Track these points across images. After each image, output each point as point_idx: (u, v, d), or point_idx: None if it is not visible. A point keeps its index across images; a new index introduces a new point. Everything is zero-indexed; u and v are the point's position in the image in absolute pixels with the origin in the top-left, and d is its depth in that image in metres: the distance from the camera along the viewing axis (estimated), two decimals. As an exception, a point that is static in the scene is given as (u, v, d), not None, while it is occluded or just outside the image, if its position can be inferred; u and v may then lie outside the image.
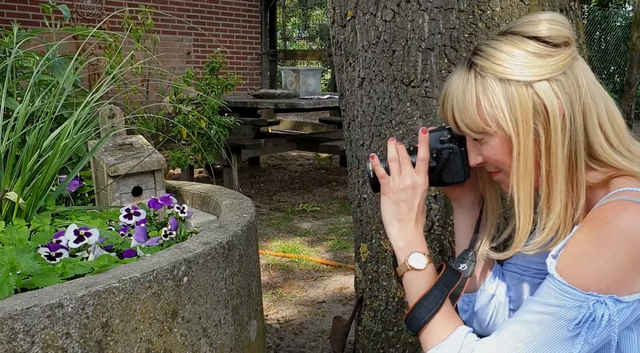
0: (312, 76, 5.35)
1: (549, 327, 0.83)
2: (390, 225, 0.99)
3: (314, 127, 7.42)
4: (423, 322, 0.93)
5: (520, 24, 0.91)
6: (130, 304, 0.98)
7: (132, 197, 1.61)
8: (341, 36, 1.56)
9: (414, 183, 0.97)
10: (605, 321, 0.80)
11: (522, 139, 0.87)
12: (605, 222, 0.81)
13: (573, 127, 0.86)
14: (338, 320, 1.72)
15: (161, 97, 3.85)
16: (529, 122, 0.87)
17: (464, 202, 1.10)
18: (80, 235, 1.14)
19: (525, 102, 0.86)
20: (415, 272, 0.96)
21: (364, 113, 1.54)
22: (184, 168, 4.36)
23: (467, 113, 0.91)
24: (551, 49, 0.87)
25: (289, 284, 2.85)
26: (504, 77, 0.87)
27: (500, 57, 0.88)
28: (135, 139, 1.72)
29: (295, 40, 16.64)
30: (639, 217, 0.80)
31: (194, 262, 1.09)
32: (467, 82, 0.91)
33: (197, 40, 7.75)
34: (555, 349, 0.83)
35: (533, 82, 0.86)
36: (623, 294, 0.80)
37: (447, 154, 0.99)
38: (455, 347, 0.90)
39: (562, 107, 0.86)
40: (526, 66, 0.87)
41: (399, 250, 0.98)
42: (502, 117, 0.88)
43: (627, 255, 0.79)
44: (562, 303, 0.83)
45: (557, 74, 0.86)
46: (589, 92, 0.88)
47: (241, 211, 1.44)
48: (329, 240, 3.60)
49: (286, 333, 2.32)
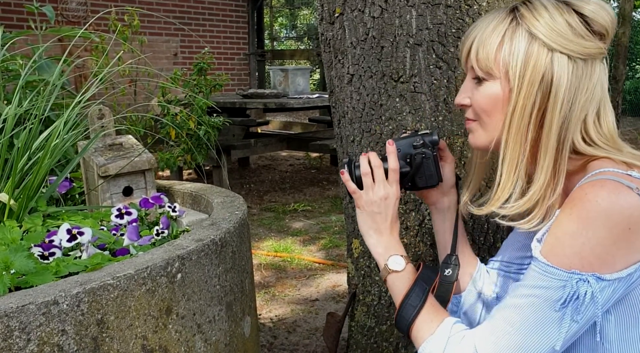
0: (300, 75, 5.36)
1: (537, 309, 0.85)
2: (367, 235, 1.03)
3: (303, 126, 7.42)
4: (410, 320, 0.95)
5: None
6: (124, 301, 0.98)
7: (123, 197, 1.61)
8: (330, 33, 1.57)
9: (386, 195, 1.00)
10: (588, 299, 0.82)
11: (522, 97, 0.88)
12: (585, 201, 0.83)
13: (571, 112, 0.88)
14: (331, 316, 1.73)
15: (151, 96, 3.84)
16: (534, 84, 0.88)
17: (439, 206, 1.13)
18: (73, 234, 1.14)
19: (540, 65, 0.87)
20: (396, 274, 1.00)
21: (354, 109, 1.55)
22: (173, 169, 4.35)
23: (486, 49, 0.91)
24: (587, 32, 0.88)
25: (281, 283, 2.86)
26: (535, 33, 0.88)
27: (542, 14, 0.89)
28: (125, 139, 1.72)
29: (283, 41, 16.63)
30: (617, 194, 0.82)
31: (187, 259, 1.10)
32: (501, 22, 0.91)
33: (184, 42, 7.72)
34: (545, 330, 0.84)
35: (555, 50, 0.87)
36: (605, 272, 0.82)
37: (420, 159, 1.03)
38: (443, 337, 0.91)
39: (567, 86, 0.87)
40: (558, 34, 0.87)
41: (378, 256, 1.02)
42: (513, 66, 0.89)
43: (607, 232, 0.81)
44: (547, 284, 0.85)
45: (579, 56, 0.87)
46: (597, 89, 0.89)
47: (233, 208, 1.44)
48: (320, 239, 3.61)
49: (280, 331, 2.33)
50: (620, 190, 0.83)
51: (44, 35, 2.14)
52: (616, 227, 0.81)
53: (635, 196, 0.82)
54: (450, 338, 0.91)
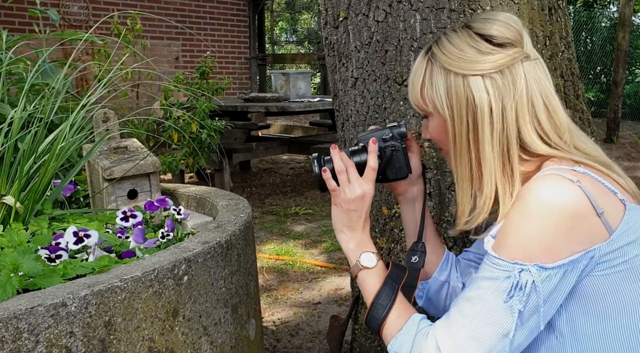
0: (302, 79, 5.37)
1: (488, 301, 0.88)
2: (340, 232, 1.05)
3: (304, 130, 7.43)
4: (381, 320, 0.97)
5: (476, 19, 0.99)
6: (132, 303, 0.99)
7: (127, 200, 1.61)
8: (334, 37, 1.58)
9: (363, 193, 1.02)
10: (529, 287, 0.85)
11: (457, 125, 0.96)
12: (527, 195, 0.88)
13: (505, 121, 0.93)
14: (335, 319, 1.73)
15: (155, 98, 3.85)
16: (462, 110, 0.95)
17: (408, 196, 1.17)
18: (80, 236, 1.15)
19: (460, 92, 0.95)
20: (367, 271, 1.02)
21: (357, 113, 1.56)
22: (175, 173, 4.35)
23: (414, 91, 1.01)
24: (493, 48, 0.94)
25: (283, 286, 2.86)
26: (447, 67, 0.96)
27: (448, 48, 0.97)
28: (130, 142, 1.73)
29: (283, 44, 16.65)
30: (558, 186, 0.87)
31: (194, 261, 1.10)
32: (420, 64, 1.01)
33: (185, 45, 7.74)
34: (496, 320, 0.87)
35: (467, 75, 0.94)
36: (547, 262, 0.85)
37: (390, 152, 1.06)
38: (411, 334, 0.94)
39: (491, 102, 0.93)
40: (466, 61, 0.95)
41: (350, 253, 1.05)
42: (439, 101, 0.97)
43: (548, 222, 0.85)
44: (494, 275, 0.89)
45: (493, 71, 0.93)
46: (527, 92, 0.93)
47: (238, 211, 1.45)
48: (322, 242, 3.61)
49: (282, 334, 2.33)
50: (562, 182, 0.87)
51: (46, 39, 2.15)
52: (557, 217, 0.85)
53: (576, 188, 0.86)
54: (417, 334, 0.94)
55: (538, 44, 1.42)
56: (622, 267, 0.88)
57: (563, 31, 1.47)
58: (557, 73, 1.45)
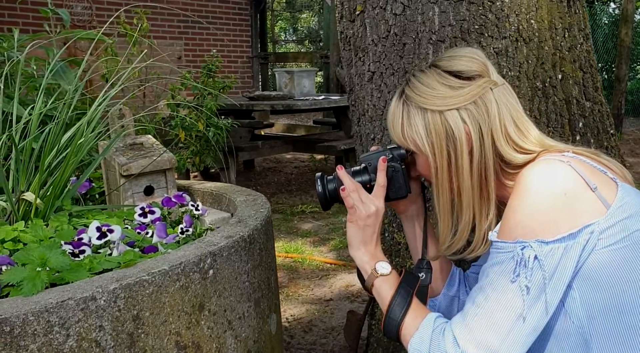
0: (306, 77, 5.36)
1: (496, 285, 0.91)
2: (356, 248, 1.09)
3: (307, 129, 7.42)
4: (399, 321, 1.00)
5: (442, 58, 1.05)
6: (159, 297, 0.98)
7: (144, 196, 1.61)
8: (350, 31, 1.58)
9: (377, 210, 1.07)
10: (532, 262, 0.87)
11: (438, 159, 1.01)
12: (522, 180, 0.93)
13: (483, 148, 0.99)
14: (352, 314, 1.73)
15: (166, 93, 3.84)
16: (442, 145, 1.00)
17: (408, 213, 1.20)
18: (103, 231, 1.14)
19: (439, 128, 1.00)
20: (383, 278, 1.06)
21: (374, 107, 1.55)
22: (181, 171, 4.35)
23: (396, 133, 1.07)
24: (463, 82, 1.00)
25: (294, 284, 2.86)
26: (422, 106, 1.01)
27: (420, 89, 1.02)
28: (145, 138, 1.72)
29: (283, 44, 16.65)
30: (549, 166, 0.92)
31: (219, 255, 1.10)
32: (396, 108, 1.06)
33: (188, 45, 7.73)
34: (508, 302, 0.89)
35: (444, 111, 1.00)
36: (548, 237, 0.88)
37: (391, 172, 1.10)
38: (428, 331, 0.96)
39: (469, 130, 0.98)
40: (440, 97, 1.00)
41: (365, 265, 1.08)
42: (419, 140, 1.02)
43: (543, 198, 0.89)
44: (499, 259, 0.92)
45: (467, 103, 0.99)
46: (498, 115, 0.99)
47: (257, 206, 1.44)
48: (331, 240, 3.61)
49: (296, 331, 2.32)
50: (552, 163, 0.93)
51: (54, 39, 2.15)
52: (551, 193, 0.89)
53: (567, 166, 0.91)
54: (434, 331, 0.96)
55: (557, 35, 1.41)
56: (626, 242, 0.90)
57: (581, 23, 1.46)
58: (576, 65, 1.45)
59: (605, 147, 1.47)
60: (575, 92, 1.44)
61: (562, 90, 1.42)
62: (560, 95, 1.42)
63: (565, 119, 1.43)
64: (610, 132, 1.50)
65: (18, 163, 1.32)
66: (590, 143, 1.44)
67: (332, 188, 1.11)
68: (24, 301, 0.86)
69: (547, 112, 1.41)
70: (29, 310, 0.83)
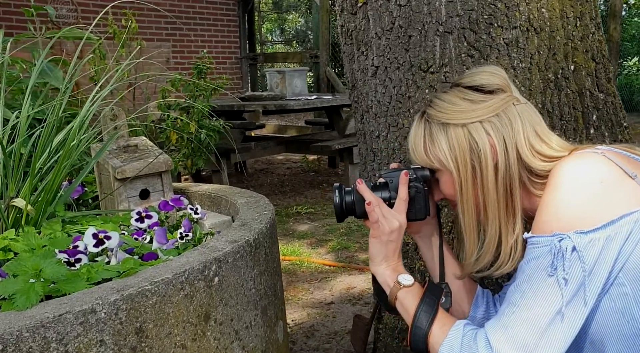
0: (297, 77, 5.29)
1: (533, 280, 0.87)
2: (378, 264, 1.06)
3: (298, 129, 7.36)
4: (426, 329, 0.96)
5: (463, 76, 1.05)
6: (163, 307, 0.92)
7: (139, 201, 1.54)
8: (351, 24, 1.52)
9: (400, 225, 1.04)
10: (569, 252, 0.83)
11: (462, 174, 0.99)
12: (555, 174, 0.91)
13: (508, 161, 0.97)
14: (359, 318, 1.67)
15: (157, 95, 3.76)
16: (466, 158, 0.98)
17: (422, 234, 1.17)
18: (100, 238, 1.07)
19: (462, 142, 0.98)
20: (407, 289, 1.02)
21: (379, 103, 1.49)
22: (173, 174, 4.26)
23: (419, 153, 1.05)
24: (484, 95, 1.00)
25: (293, 287, 2.79)
26: (445, 122, 1.00)
27: (443, 106, 1.02)
28: (139, 140, 1.65)
29: (271, 45, 16.56)
30: (582, 158, 0.91)
31: (224, 262, 1.04)
32: (418, 128, 1.05)
33: (176, 46, 7.64)
34: (545, 297, 0.85)
35: (467, 124, 0.98)
36: (587, 227, 0.84)
37: (414, 193, 1.06)
38: (457, 337, 0.93)
39: (494, 142, 0.97)
40: (462, 112, 0.99)
41: (388, 278, 1.05)
42: (443, 155, 1.01)
43: (578, 190, 0.87)
44: (536, 254, 0.88)
45: (490, 115, 0.98)
46: (522, 128, 0.98)
47: (260, 209, 1.38)
48: (328, 241, 3.54)
49: (298, 336, 2.25)
50: (585, 155, 0.92)
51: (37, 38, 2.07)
52: (586, 183, 0.87)
53: (601, 156, 0.89)
54: (464, 336, 0.92)
55: (568, 25, 1.36)
56: None
57: (592, 11, 1.42)
58: (589, 55, 1.40)
59: (620, 140, 1.42)
60: (588, 84, 1.39)
61: (574, 81, 1.37)
62: (573, 86, 1.37)
63: (578, 111, 1.38)
64: (624, 124, 1.45)
65: (7, 168, 1.24)
66: (604, 136, 1.40)
67: (350, 201, 1.07)
68: (17, 316, 0.80)
69: (560, 104, 1.36)
70: (24, 325, 0.76)
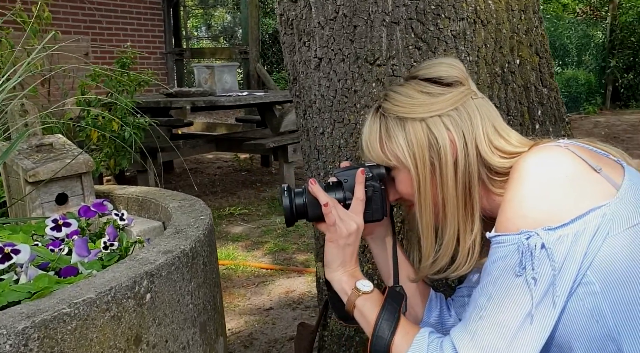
0: (227, 72, 5.12)
1: (500, 282, 0.83)
2: (334, 270, 0.99)
3: (228, 127, 7.16)
4: (388, 338, 0.90)
5: (420, 68, 1.00)
6: (85, 333, 0.78)
7: (56, 206, 1.37)
8: (292, 12, 1.42)
9: (358, 227, 0.98)
10: (538, 250, 0.80)
11: (421, 171, 0.94)
12: (516, 170, 0.87)
13: (467, 157, 0.92)
14: (303, 326, 1.58)
15: (75, 91, 3.47)
16: (424, 155, 0.94)
17: (375, 236, 1.11)
18: (6, 252, 0.91)
19: (421, 137, 0.94)
20: (366, 296, 0.96)
21: (322, 97, 1.40)
22: (94, 176, 3.98)
23: (374, 150, 0.99)
24: (443, 88, 0.95)
25: (228, 293, 2.65)
26: (402, 116, 0.95)
27: (399, 99, 0.96)
28: (55, 138, 1.47)
29: (197, 41, 16.13)
30: (545, 152, 0.87)
31: (157, 276, 0.91)
32: (373, 123, 0.99)
33: (96, 40, 7.21)
34: (514, 299, 0.81)
35: (426, 118, 0.94)
36: (555, 223, 0.81)
37: (370, 192, 0.99)
38: (423, 346, 0.88)
39: (454, 138, 0.93)
40: (420, 105, 0.94)
41: (344, 285, 0.98)
42: (400, 151, 0.95)
43: (543, 185, 0.83)
44: (502, 253, 0.84)
45: (449, 109, 0.94)
46: (481, 123, 0.94)
47: (196, 213, 1.26)
48: (265, 243, 3.42)
49: (235, 346, 2.13)
50: (548, 149, 0.87)
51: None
52: (551, 178, 0.83)
53: (565, 150, 0.86)
54: (429, 345, 0.87)
55: (514, 17, 1.33)
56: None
57: (535, 5, 1.40)
58: (533, 49, 1.38)
59: (562, 135, 1.41)
60: (532, 78, 1.37)
61: (520, 76, 1.35)
62: (519, 81, 1.34)
63: (524, 106, 1.35)
64: (565, 120, 1.44)
65: None
66: (549, 132, 1.38)
67: (301, 203, 0.98)
68: None
69: (507, 99, 1.33)
70: None
